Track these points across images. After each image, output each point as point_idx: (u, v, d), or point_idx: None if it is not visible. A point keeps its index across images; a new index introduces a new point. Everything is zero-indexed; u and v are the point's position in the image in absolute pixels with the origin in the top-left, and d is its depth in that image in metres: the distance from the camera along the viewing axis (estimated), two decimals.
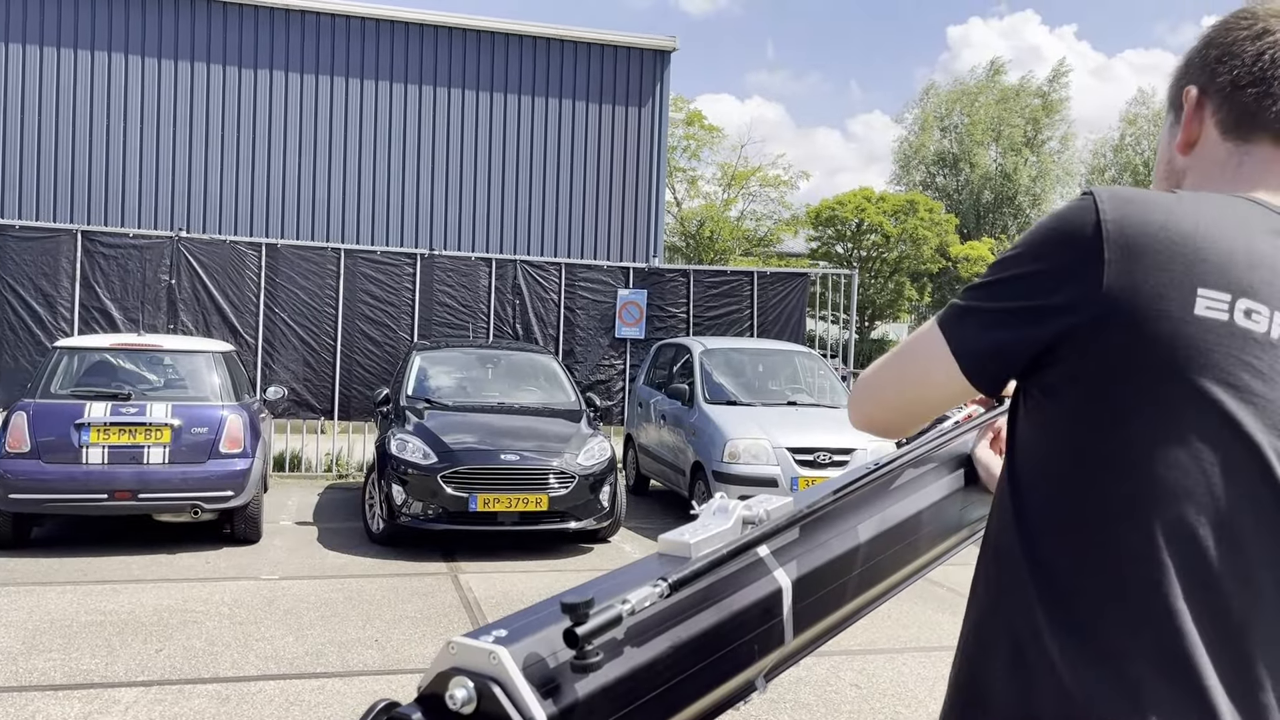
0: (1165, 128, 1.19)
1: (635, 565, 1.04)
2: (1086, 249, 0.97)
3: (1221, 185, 1.06)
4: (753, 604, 1.05)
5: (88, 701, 4.49)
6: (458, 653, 0.86)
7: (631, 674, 0.91)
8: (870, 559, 1.23)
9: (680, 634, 0.97)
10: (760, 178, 35.68)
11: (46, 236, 11.58)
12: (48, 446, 7.33)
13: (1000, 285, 1.04)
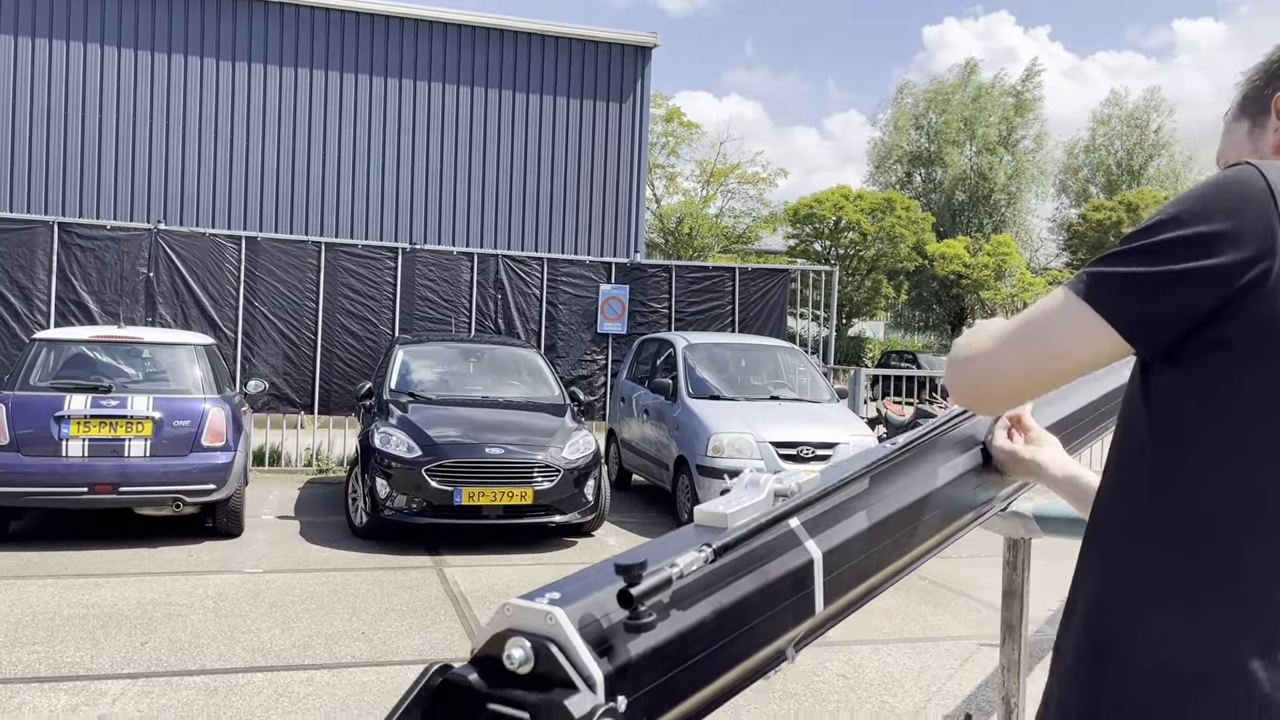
0: (1243, 132, 1.27)
1: (674, 535, 1.06)
2: (1264, 209, 1.02)
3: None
4: (787, 574, 1.08)
5: (74, 693, 4.46)
6: (513, 614, 0.88)
7: (679, 636, 0.93)
8: (896, 532, 1.26)
9: (721, 600, 0.99)
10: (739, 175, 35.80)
11: (22, 228, 11.44)
12: (27, 439, 7.26)
13: (1167, 248, 1.04)
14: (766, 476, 1.13)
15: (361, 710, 4.39)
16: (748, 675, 1.07)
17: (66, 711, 4.25)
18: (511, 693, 0.84)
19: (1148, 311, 1.05)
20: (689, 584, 0.95)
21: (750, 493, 1.11)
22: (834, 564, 1.14)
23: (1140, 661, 1.06)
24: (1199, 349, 1.04)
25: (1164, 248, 1.05)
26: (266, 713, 4.32)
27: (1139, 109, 45.80)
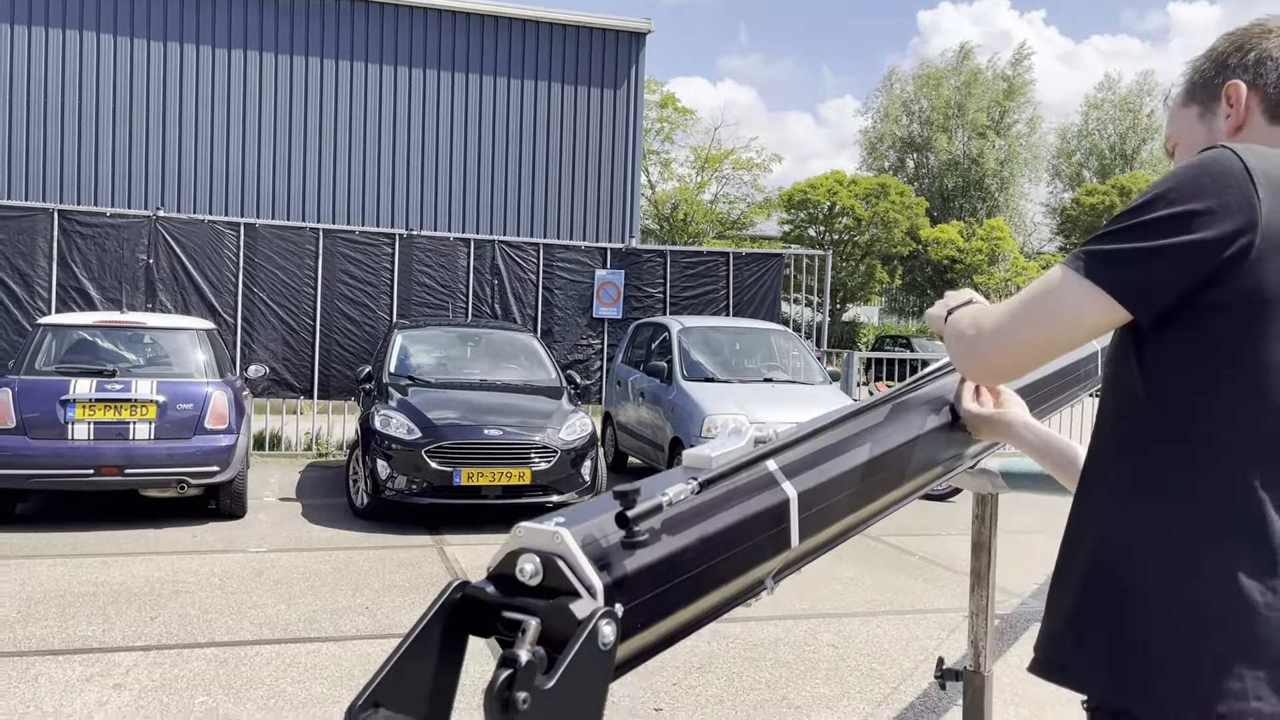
0: (1193, 116, 1.40)
1: (664, 475, 1.21)
2: (1244, 188, 1.14)
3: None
4: (765, 510, 1.22)
5: (89, 665, 4.61)
6: (524, 535, 1.02)
7: (668, 558, 1.07)
8: (865, 479, 1.40)
9: (706, 529, 1.13)
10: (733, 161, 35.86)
11: (23, 215, 11.54)
12: (33, 423, 7.39)
13: (1158, 225, 1.15)
14: (748, 425, 1.27)
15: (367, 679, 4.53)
16: (731, 598, 1.21)
17: (82, 681, 4.40)
18: (523, 600, 0.98)
19: (1144, 283, 1.16)
20: (677, 513, 1.09)
21: (733, 439, 1.26)
22: (808, 503, 1.29)
23: (1149, 596, 1.18)
24: (1190, 315, 1.16)
25: (1155, 225, 1.16)
26: (276, 681, 4.47)
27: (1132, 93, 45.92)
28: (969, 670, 2.12)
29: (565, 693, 0.89)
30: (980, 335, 1.31)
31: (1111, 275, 1.18)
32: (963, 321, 1.37)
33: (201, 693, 4.31)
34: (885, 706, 4.40)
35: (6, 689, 4.28)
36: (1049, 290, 1.23)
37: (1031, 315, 1.25)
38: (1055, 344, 1.26)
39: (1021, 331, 1.26)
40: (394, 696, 0.93)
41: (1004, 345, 1.28)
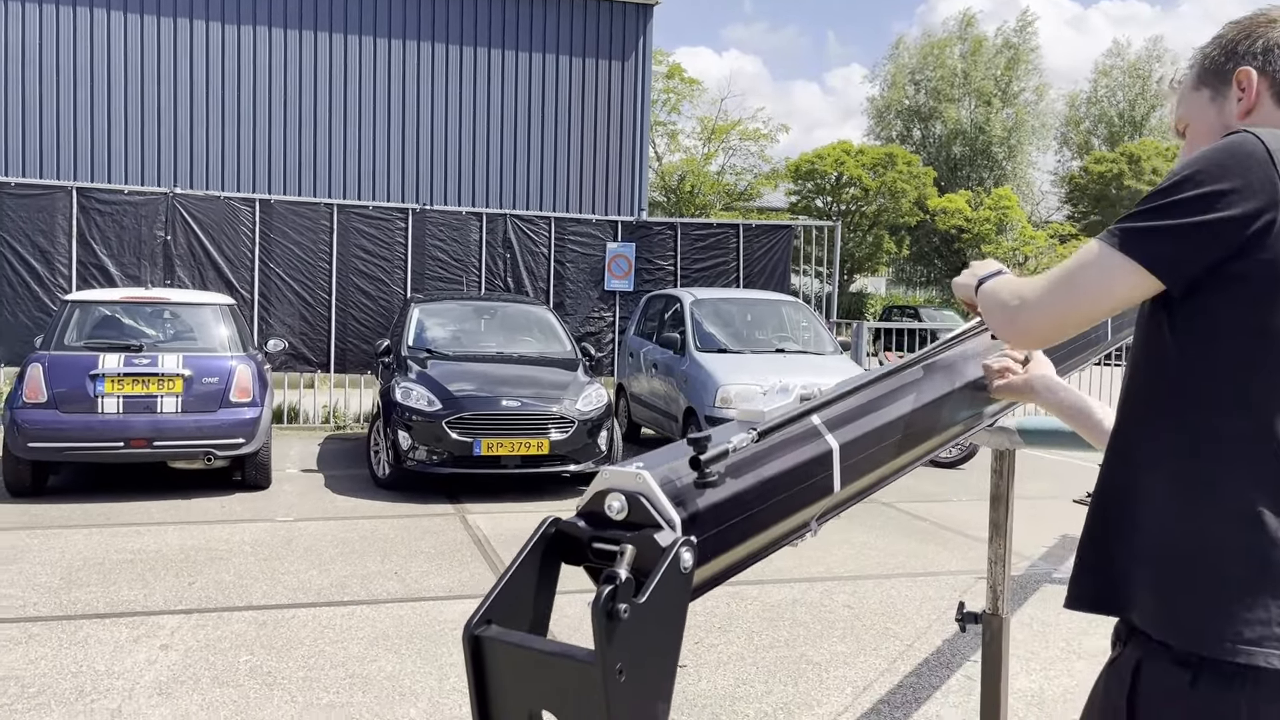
0: (1204, 100, 1.52)
1: (723, 428, 1.36)
2: (1266, 169, 1.27)
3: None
4: (811, 459, 1.37)
5: (134, 627, 4.80)
6: (610, 477, 1.17)
7: (732, 498, 1.22)
8: (898, 434, 1.55)
9: (762, 474, 1.28)
10: (740, 131, 35.79)
11: (42, 194, 11.69)
12: (64, 397, 7.57)
13: (1189, 203, 1.28)
14: (794, 385, 1.42)
15: (401, 639, 4.72)
16: (780, 537, 1.36)
17: (129, 642, 4.59)
18: (611, 533, 1.13)
19: (1175, 255, 1.29)
20: (738, 460, 1.24)
21: (780, 397, 1.41)
22: (848, 454, 1.44)
23: (1187, 536, 1.31)
24: (1215, 283, 1.30)
25: (1185, 204, 1.28)
26: (315, 641, 4.66)
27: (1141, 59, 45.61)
28: (988, 614, 2.28)
29: (655, 607, 1.04)
30: (1024, 305, 1.44)
31: (1146, 249, 1.31)
32: (1003, 292, 1.50)
33: (245, 652, 4.50)
34: (900, 662, 4.57)
35: (59, 649, 4.47)
36: (1086, 263, 1.36)
37: (1070, 287, 1.37)
38: (1092, 313, 1.39)
39: (1061, 301, 1.39)
40: (502, 614, 1.09)
41: (1046, 314, 1.40)
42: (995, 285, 1.54)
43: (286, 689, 4.10)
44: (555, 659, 1.04)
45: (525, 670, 1.05)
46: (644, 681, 1.04)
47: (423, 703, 4.01)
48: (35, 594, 5.28)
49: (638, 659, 1.03)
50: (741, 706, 4.05)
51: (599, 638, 0.99)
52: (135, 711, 3.85)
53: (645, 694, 1.05)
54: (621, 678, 1.00)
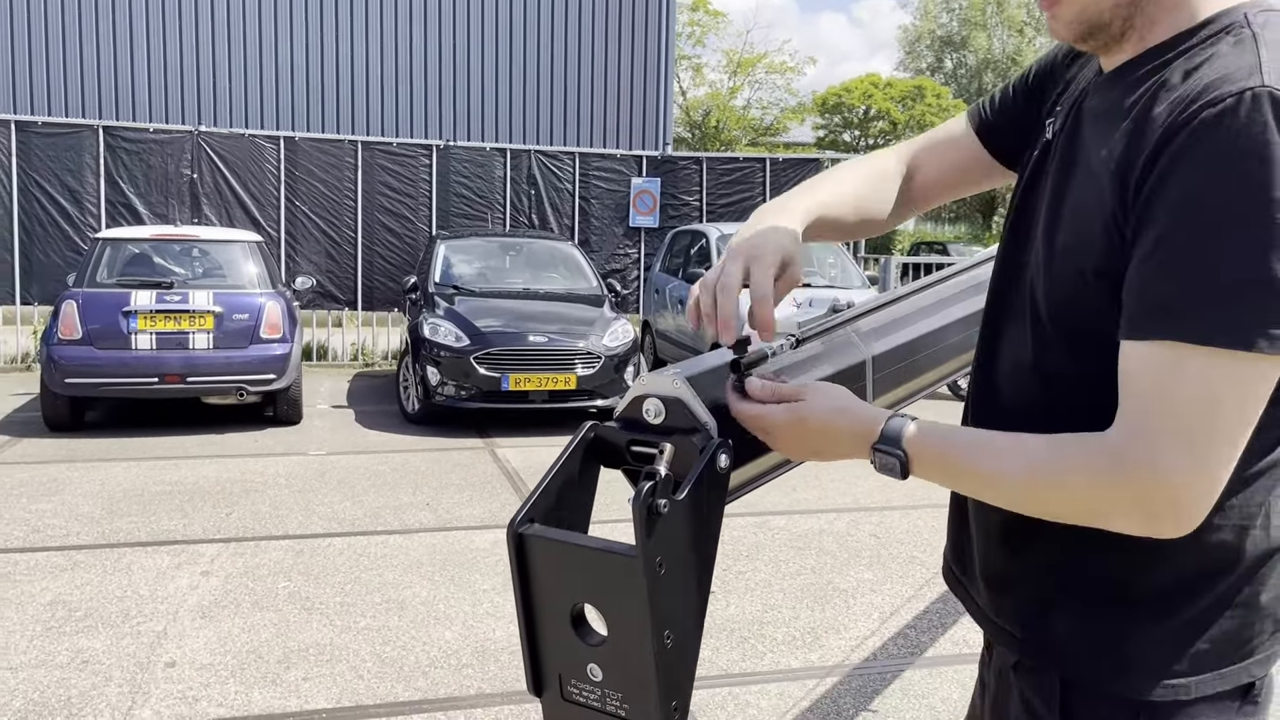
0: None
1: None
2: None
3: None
4: (847, 368, 1.38)
5: (175, 555, 4.92)
6: (647, 383, 1.18)
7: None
8: (927, 350, 1.55)
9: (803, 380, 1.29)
10: (766, 65, 35.22)
11: (69, 132, 11.72)
12: (98, 334, 7.67)
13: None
14: (827, 295, 1.43)
15: (435, 566, 4.82)
16: None
17: (171, 569, 4.71)
18: (649, 436, 1.15)
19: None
20: (776, 367, 1.25)
21: (814, 309, 1.42)
22: (880, 366, 1.44)
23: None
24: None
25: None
26: (351, 569, 4.76)
27: None
28: None
29: (693, 505, 1.06)
30: (1190, 476, 0.93)
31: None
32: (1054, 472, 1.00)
33: (283, 579, 4.60)
34: (926, 589, 4.62)
35: (103, 576, 4.60)
36: (1228, 390, 0.92)
37: (1225, 432, 0.93)
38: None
39: (1225, 455, 0.95)
40: (544, 513, 1.11)
41: (1213, 480, 0.94)
42: (983, 459, 1.04)
43: (324, 613, 4.21)
44: (597, 554, 1.06)
45: (567, 565, 1.08)
46: (684, 575, 1.07)
47: (457, 626, 4.10)
48: (78, 524, 5.41)
49: (677, 553, 1.05)
50: (770, 630, 4.12)
51: (639, 532, 1.01)
52: (180, 633, 3.97)
53: (685, 587, 1.07)
54: (661, 570, 1.03)
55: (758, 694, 3.57)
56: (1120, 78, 1.04)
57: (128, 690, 3.48)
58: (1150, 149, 0.93)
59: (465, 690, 3.55)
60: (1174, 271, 0.90)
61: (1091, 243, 0.99)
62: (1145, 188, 0.93)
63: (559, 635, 1.10)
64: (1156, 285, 0.91)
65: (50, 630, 3.98)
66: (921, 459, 1.06)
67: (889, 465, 1.07)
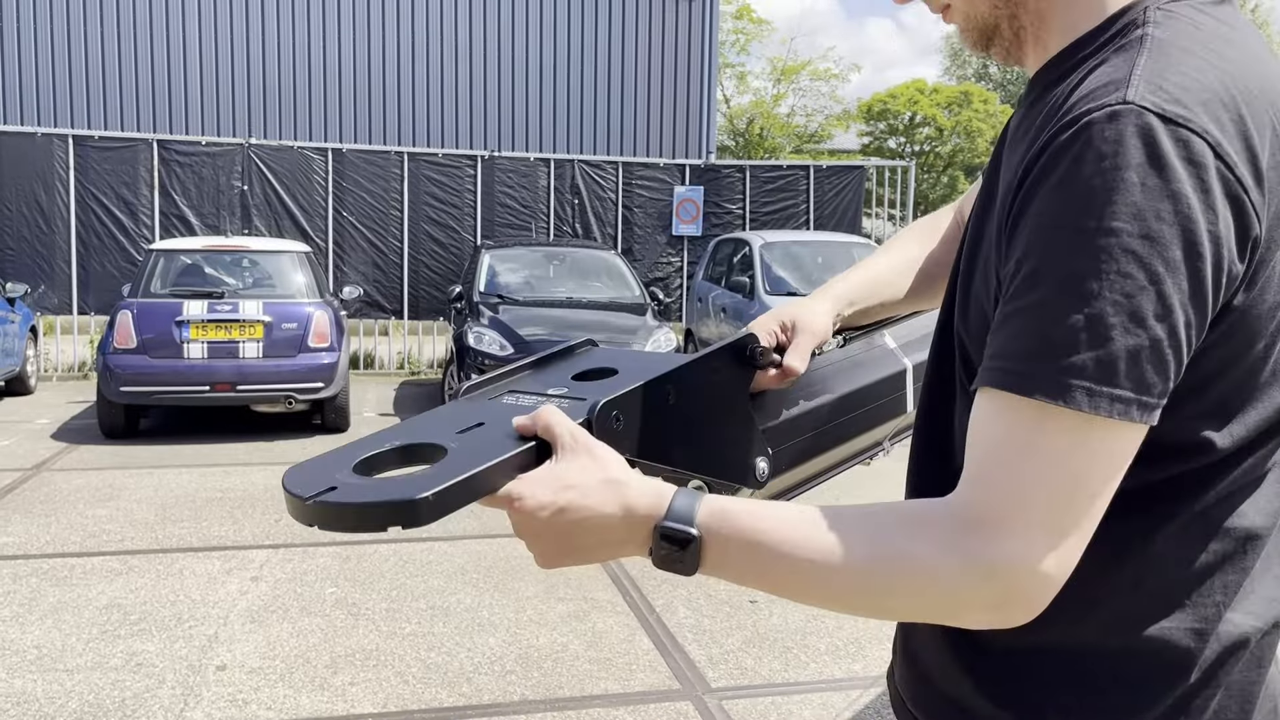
0: None
1: None
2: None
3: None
4: (886, 378, 1.38)
5: (226, 560, 5.01)
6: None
7: (810, 411, 1.25)
8: None
9: (839, 389, 1.30)
10: (810, 72, 35.08)
11: (125, 146, 12.00)
12: (152, 343, 7.84)
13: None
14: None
15: (479, 573, 4.86)
16: (854, 454, 1.38)
17: (223, 574, 4.80)
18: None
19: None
20: (817, 374, 1.26)
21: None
22: (920, 374, 1.44)
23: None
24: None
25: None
26: (397, 575, 4.82)
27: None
28: None
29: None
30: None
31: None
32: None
33: (330, 585, 4.67)
34: None
35: (156, 580, 4.69)
36: None
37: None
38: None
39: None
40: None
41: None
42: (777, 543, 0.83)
43: (371, 619, 4.26)
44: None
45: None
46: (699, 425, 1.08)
47: (501, 633, 4.13)
48: (133, 529, 5.53)
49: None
50: (813, 640, 4.10)
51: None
52: (230, 637, 4.04)
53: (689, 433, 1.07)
54: (671, 400, 1.03)
55: (800, 704, 3.56)
56: (1032, 90, 0.93)
57: (180, 693, 3.55)
58: (1018, 178, 0.82)
59: (509, 696, 3.57)
60: (1010, 316, 0.79)
61: (990, 292, 0.87)
62: (1010, 219, 0.82)
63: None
64: (998, 331, 0.80)
65: (106, 633, 4.07)
66: (719, 543, 0.83)
67: (671, 553, 0.84)
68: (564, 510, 0.86)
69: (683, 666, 3.85)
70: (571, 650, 3.97)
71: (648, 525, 0.85)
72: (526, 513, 0.88)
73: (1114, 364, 0.74)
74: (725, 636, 4.13)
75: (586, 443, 0.89)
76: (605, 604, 4.47)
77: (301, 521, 0.90)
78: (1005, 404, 0.78)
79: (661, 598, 4.55)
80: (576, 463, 0.88)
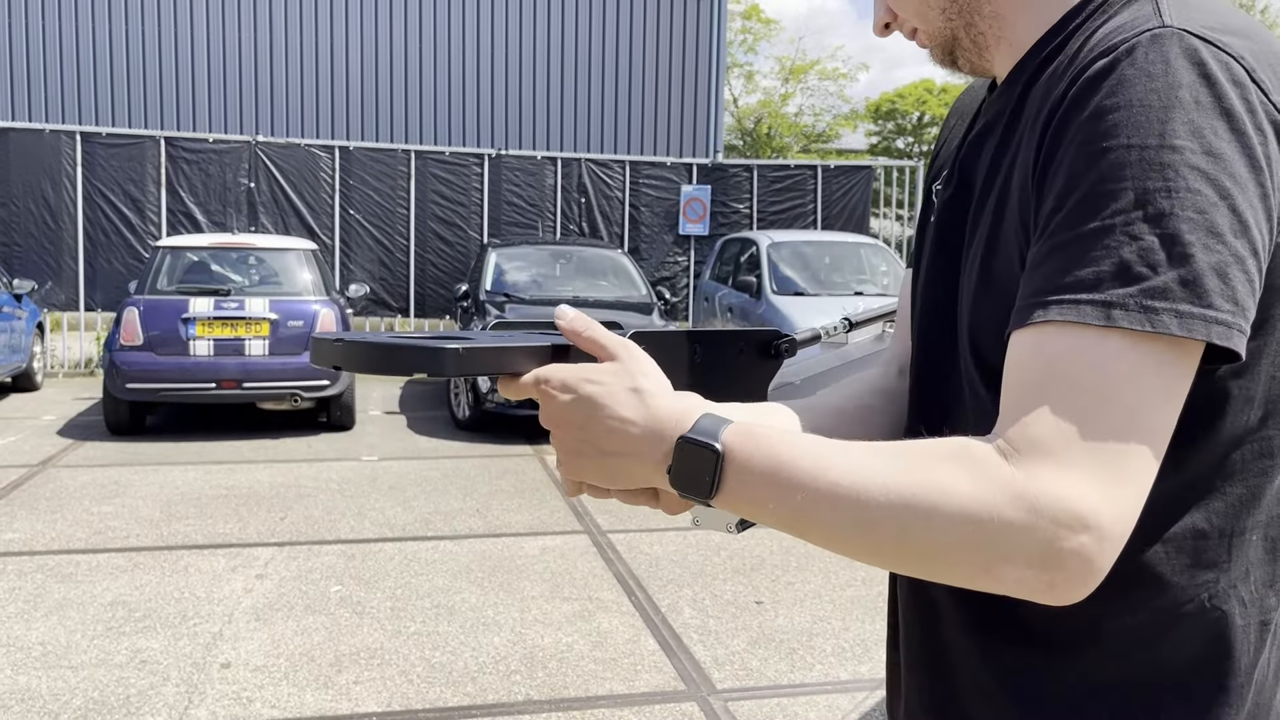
0: None
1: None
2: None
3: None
4: None
5: (231, 558, 5.01)
6: None
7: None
8: None
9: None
10: (819, 71, 35.05)
11: (132, 143, 12.01)
12: (158, 340, 7.84)
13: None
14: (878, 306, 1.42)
15: (484, 573, 4.84)
16: None
17: (228, 571, 4.79)
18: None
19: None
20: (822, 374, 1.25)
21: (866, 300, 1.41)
22: None
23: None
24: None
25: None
26: (401, 574, 4.81)
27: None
28: None
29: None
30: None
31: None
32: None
33: (335, 583, 4.66)
34: None
35: (161, 577, 4.69)
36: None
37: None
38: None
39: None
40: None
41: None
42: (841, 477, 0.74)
43: (375, 617, 4.25)
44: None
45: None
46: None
47: (505, 632, 4.11)
48: (138, 526, 5.53)
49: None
50: (819, 642, 4.08)
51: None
52: (235, 635, 4.03)
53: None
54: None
55: (805, 705, 3.54)
56: (1009, 85, 0.89)
57: (184, 690, 3.54)
58: (1045, 127, 0.77)
59: (513, 696, 3.56)
60: (1062, 246, 0.72)
61: (1012, 273, 0.80)
62: (1038, 170, 0.77)
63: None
64: (1043, 265, 0.73)
65: (111, 630, 4.06)
66: (744, 460, 0.76)
67: (694, 473, 0.78)
68: (585, 400, 0.82)
69: (688, 667, 3.84)
70: (576, 650, 3.96)
71: (670, 438, 0.79)
72: (548, 395, 0.84)
73: (1201, 282, 0.68)
74: (731, 637, 4.12)
75: (630, 350, 0.85)
76: (610, 604, 4.46)
77: (324, 363, 0.88)
78: (1065, 336, 0.70)
79: (667, 598, 4.54)
80: (612, 365, 0.84)
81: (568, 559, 5.08)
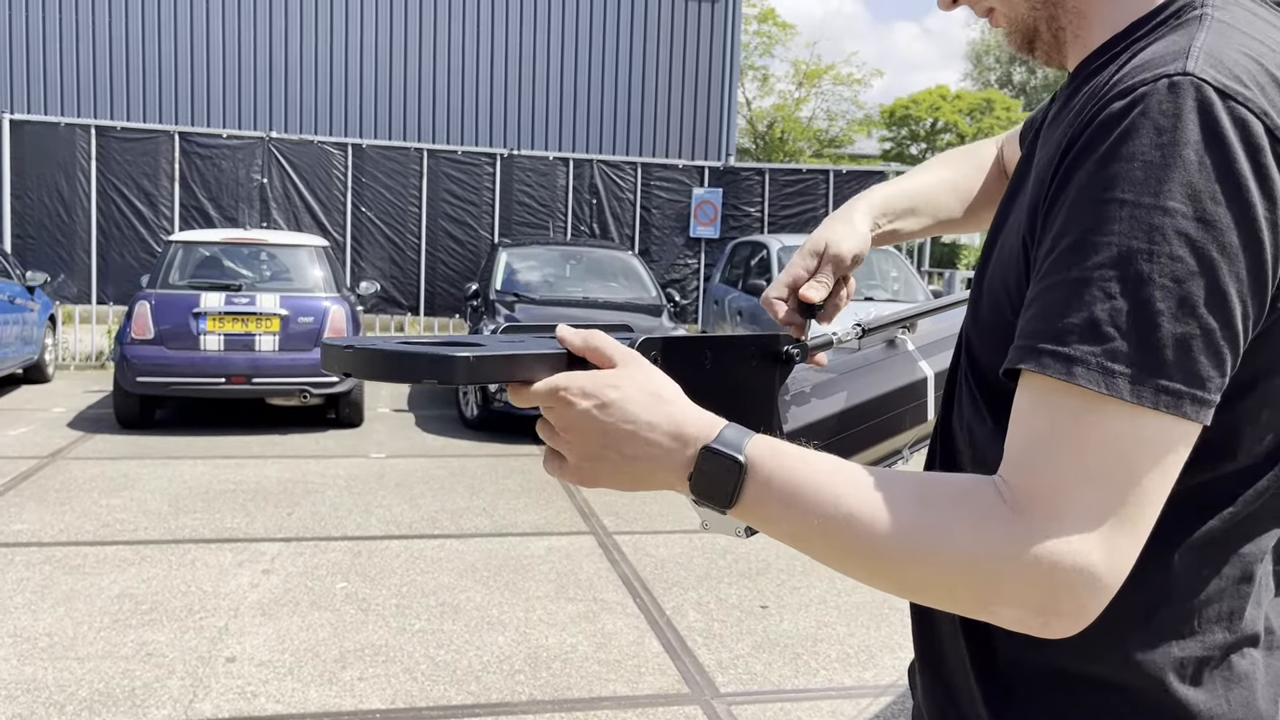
0: None
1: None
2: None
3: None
4: (906, 385, 1.36)
5: (238, 552, 5.02)
6: None
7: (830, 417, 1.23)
8: None
9: (857, 397, 1.28)
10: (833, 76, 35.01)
11: (146, 138, 12.06)
12: (169, 334, 7.87)
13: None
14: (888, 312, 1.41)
15: (490, 571, 4.85)
16: (872, 462, 1.36)
17: (234, 566, 4.80)
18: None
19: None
20: (836, 378, 1.24)
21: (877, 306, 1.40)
22: (942, 382, 1.42)
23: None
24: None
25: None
26: (407, 571, 4.81)
27: None
28: None
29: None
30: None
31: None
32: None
33: (341, 579, 4.67)
34: None
35: (169, 571, 4.70)
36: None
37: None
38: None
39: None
40: None
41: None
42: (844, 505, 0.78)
43: (380, 614, 4.25)
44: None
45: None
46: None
47: (510, 632, 4.11)
48: (146, 519, 5.54)
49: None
50: (824, 648, 4.07)
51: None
52: (240, 629, 4.04)
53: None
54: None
55: (809, 710, 3.53)
56: (1074, 80, 0.90)
57: (189, 684, 3.55)
58: (1059, 153, 0.78)
59: (517, 696, 3.56)
60: (1050, 289, 0.74)
61: (1017, 279, 0.83)
62: (1046, 202, 0.78)
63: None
64: (1036, 303, 0.75)
65: (117, 622, 4.07)
66: (765, 477, 0.79)
67: (715, 482, 0.80)
68: (606, 406, 0.82)
69: (692, 670, 3.83)
70: (580, 651, 3.96)
71: (695, 446, 0.81)
72: (567, 402, 0.83)
73: (1160, 352, 0.69)
74: (735, 641, 4.11)
75: (639, 359, 0.87)
76: (615, 605, 4.45)
77: (335, 370, 0.87)
78: (1049, 388, 0.73)
79: (672, 600, 4.53)
80: (626, 371, 0.84)
81: (573, 559, 5.08)
